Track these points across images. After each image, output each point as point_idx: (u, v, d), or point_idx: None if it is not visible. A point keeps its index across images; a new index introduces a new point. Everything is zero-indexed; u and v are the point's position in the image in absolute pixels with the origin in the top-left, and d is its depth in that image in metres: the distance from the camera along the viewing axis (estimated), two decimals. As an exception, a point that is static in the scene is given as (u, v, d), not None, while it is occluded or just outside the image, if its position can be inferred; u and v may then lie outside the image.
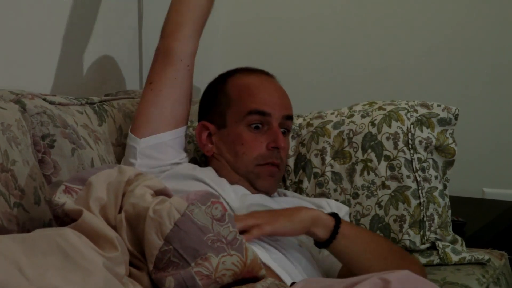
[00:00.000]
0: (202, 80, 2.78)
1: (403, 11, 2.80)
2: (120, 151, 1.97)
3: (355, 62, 2.86)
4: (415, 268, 1.72)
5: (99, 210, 1.35)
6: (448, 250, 1.85)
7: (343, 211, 1.84)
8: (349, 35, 2.87)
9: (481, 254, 1.90)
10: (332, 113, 2.00)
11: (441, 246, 1.85)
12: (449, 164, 1.92)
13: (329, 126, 1.96)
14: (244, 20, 3.02)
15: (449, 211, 1.93)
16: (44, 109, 1.76)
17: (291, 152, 2.00)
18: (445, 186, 1.93)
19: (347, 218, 1.85)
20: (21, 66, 2.08)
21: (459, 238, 1.92)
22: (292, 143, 2.02)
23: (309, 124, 2.02)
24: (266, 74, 1.82)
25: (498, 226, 2.43)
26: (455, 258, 1.85)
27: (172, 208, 1.27)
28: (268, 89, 1.76)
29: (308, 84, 2.85)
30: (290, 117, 1.78)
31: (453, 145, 1.90)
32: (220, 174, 1.75)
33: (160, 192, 1.38)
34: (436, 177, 1.90)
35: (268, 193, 1.77)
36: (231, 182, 1.73)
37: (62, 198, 1.39)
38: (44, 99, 1.82)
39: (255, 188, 1.74)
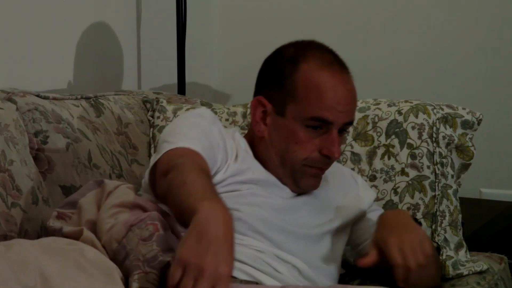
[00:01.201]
0: (198, 78, 2.78)
1: (409, 13, 2.79)
2: (124, 139, 1.98)
3: (360, 63, 2.85)
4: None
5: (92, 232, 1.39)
6: (449, 263, 1.84)
7: (371, 196, 1.81)
8: (352, 36, 2.86)
9: (479, 266, 1.89)
10: (357, 100, 2.01)
11: (444, 257, 1.85)
12: (464, 167, 1.93)
13: None
14: (240, 18, 3.01)
15: (460, 215, 1.92)
16: (36, 105, 1.76)
17: None
18: (457, 189, 1.93)
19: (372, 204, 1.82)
20: (17, 66, 2.07)
21: (465, 244, 1.92)
22: None
23: None
24: (342, 71, 1.67)
25: (495, 227, 2.43)
26: (452, 272, 1.84)
27: (112, 239, 1.31)
28: (338, 94, 1.63)
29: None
30: (351, 123, 1.69)
31: (472, 148, 1.91)
32: (267, 167, 1.68)
33: (133, 205, 1.39)
34: (452, 176, 1.91)
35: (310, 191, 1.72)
36: (278, 178, 1.67)
37: (56, 224, 1.42)
38: (38, 95, 1.81)
39: (298, 186, 1.67)
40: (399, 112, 1.92)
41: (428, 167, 1.88)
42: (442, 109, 1.92)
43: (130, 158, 1.99)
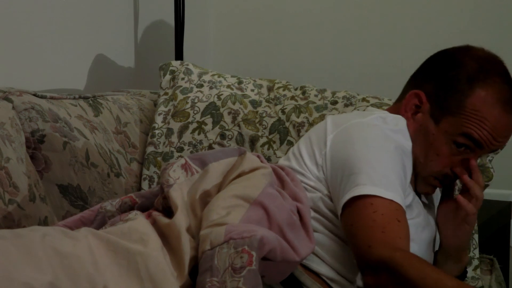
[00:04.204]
0: (197, 62, 2.76)
1: (406, 9, 2.79)
2: (122, 138, 1.99)
3: (357, 57, 2.86)
4: None
5: (202, 207, 1.37)
6: None
7: None
8: (349, 31, 2.86)
9: (474, 281, 1.89)
10: (316, 95, 2.01)
11: None
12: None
13: (311, 106, 1.98)
14: (236, 13, 3.01)
15: (476, 234, 1.91)
16: (33, 104, 1.76)
17: (273, 116, 2.02)
18: None
19: None
20: (15, 66, 2.08)
21: (475, 262, 1.91)
22: (276, 108, 2.04)
23: (293, 98, 2.05)
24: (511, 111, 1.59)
25: (492, 226, 2.43)
26: None
27: (208, 239, 1.28)
28: (498, 132, 1.58)
29: (305, 78, 2.85)
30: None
31: (491, 170, 1.90)
32: None
33: (256, 203, 1.36)
34: None
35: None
36: None
37: (177, 172, 1.40)
38: (35, 94, 1.81)
39: (415, 187, 1.64)
40: None
41: None
42: None
43: (130, 157, 2.00)
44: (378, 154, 1.50)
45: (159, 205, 1.40)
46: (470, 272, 1.90)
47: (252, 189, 1.37)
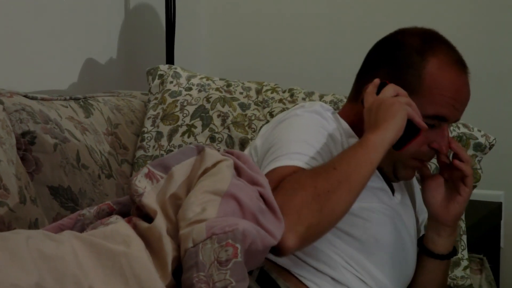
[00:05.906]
0: (188, 63, 2.79)
1: (396, 13, 2.80)
2: (113, 140, 1.99)
3: (350, 62, 2.85)
4: None
5: (174, 210, 1.36)
6: None
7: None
8: (341, 34, 2.87)
9: (463, 279, 1.90)
10: (304, 99, 2.03)
11: None
12: None
13: None
14: (228, 14, 3.01)
15: (464, 236, 1.92)
16: (23, 106, 1.76)
17: (262, 119, 2.03)
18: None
19: None
20: (5, 67, 2.08)
21: (464, 263, 1.92)
22: (264, 111, 2.04)
23: (281, 101, 2.05)
24: (465, 70, 1.62)
25: (482, 227, 2.44)
26: None
27: (189, 237, 1.28)
28: (461, 95, 1.60)
29: (301, 77, 2.86)
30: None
31: (480, 171, 1.91)
32: None
33: (227, 195, 1.35)
34: None
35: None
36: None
37: (142, 183, 1.39)
38: (25, 96, 1.81)
39: (395, 176, 1.65)
40: None
41: None
42: (459, 128, 1.93)
43: (120, 158, 2.00)
44: (293, 134, 1.57)
45: (135, 215, 1.40)
46: (459, 272, 1.91)
47: (221, 182, 1.36)
